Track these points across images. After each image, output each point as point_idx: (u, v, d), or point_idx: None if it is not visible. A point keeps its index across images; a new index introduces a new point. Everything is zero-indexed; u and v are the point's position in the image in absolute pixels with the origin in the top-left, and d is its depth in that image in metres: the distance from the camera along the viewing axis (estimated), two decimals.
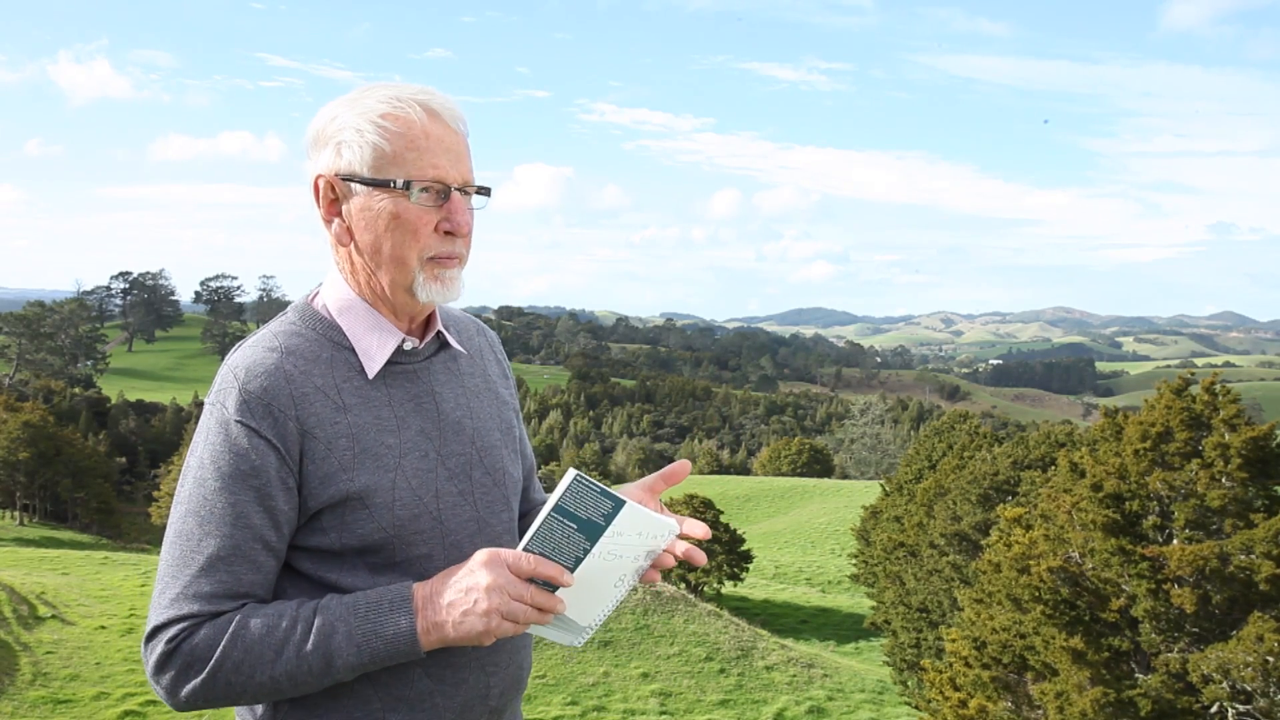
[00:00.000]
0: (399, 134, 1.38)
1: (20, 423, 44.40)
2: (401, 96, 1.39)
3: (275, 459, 1.36)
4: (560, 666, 20.24)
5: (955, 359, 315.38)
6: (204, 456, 1.37)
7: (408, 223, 1.40)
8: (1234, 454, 9.24)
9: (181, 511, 1.37)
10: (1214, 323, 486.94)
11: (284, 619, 1.34)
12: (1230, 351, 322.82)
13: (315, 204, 1.44)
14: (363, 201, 1.41)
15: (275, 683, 1.32)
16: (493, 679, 1.50)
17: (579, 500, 1.34)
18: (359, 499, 1.39)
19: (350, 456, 1.39)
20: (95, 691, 17.17)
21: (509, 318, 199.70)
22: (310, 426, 1.38)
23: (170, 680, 1.33)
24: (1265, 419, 13.32)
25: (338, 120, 1.42)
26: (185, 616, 1.33)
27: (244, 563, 1.35)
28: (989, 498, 19.83)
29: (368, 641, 1.32)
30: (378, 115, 1.39)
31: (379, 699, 1.42)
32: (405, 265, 1.41)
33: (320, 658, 1.32)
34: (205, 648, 1.31)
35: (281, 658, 1.32)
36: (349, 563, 1.41)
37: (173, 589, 1.34)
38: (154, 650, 1.33)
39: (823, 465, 72.46)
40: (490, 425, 1.57)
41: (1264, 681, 8.23)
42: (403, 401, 1.47)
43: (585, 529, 1.35)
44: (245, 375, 1.38)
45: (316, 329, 1.46)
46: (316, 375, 1.41)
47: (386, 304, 1.47)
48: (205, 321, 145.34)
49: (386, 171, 1.39)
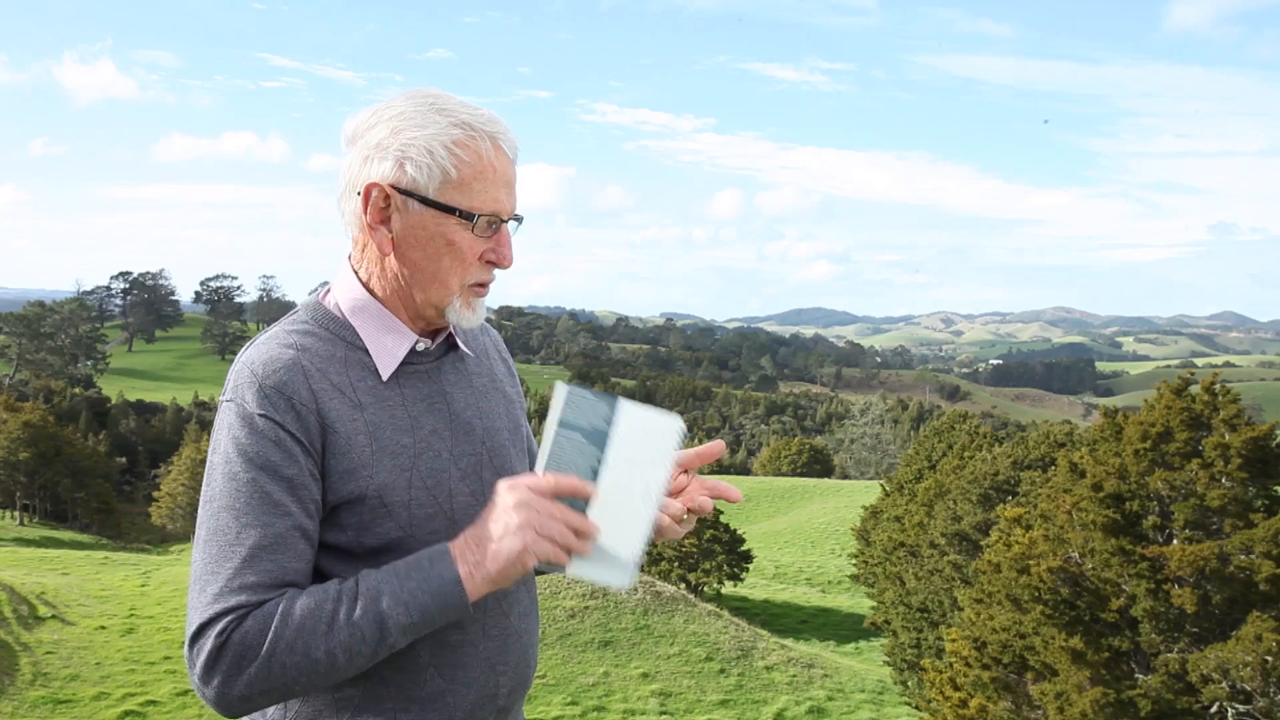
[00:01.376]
0: (469, 164, 1.40)
1: (20, 423, 44.44)
2: (475, 125, 1.41)
3: (301, 451, 1.36)
4: (560, 666, 20.24)
5: (955, 359, 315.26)
6: (229, 451, 1.36)
7: (461, 251, 1.42)
8: (1234, 454, 9.25)
9: (214, 508, 1.35)
10: (1214, 323, 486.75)
11: (329, 593, 1.32)
12: (1230, 351, 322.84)
13: (360, 209, 1.43)
14: (420, 220, 1.42)
15: (332, 657, 1.30)
16: (502, 678, 1.50)
17: (578, 410, 1.35)
18: (377, 497, 1.39)
19: (369, 453, 1.39)
20: (95, 691, 17.17)
21: (509, 318, 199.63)
22: (331, 421, 1.38)
23: (224, 676, 1.28)
24: (1265, 419, 13.31)
25: (404, 135, 1.41)
26: (232, 609, 1.30)
27: (287, 551, 1.34)
28: (989, 498, 19.85)
29: (415, 598, 1.31)
30: (451, 141, 1.40)
31: (391, 700, 1.42)
32: (447, 288, 1.44)
33: (372, 623, 1.30)
34: (256, 633, 1.28)
35: (334, 629, 1.30)
36: (363, 562, 1.40)
37: (214, 585, 1.31)
38: (202, 649, 1.29)
39: (823, 465, 72.49)
40: (499, 425, 1.58)
41: (1263, 681, 8.23)
42: (416, 402, 1.47)
43: (591, 437, 1.36)
44: (263, 371, 1.38)
45: (330, 328, 1.46)
46: (332, 373, 1.42)
47: (407, 309, 1.48)
48: (205, 321, 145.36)
49: (451, 198, 1.40)
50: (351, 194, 1.44)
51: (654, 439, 1.38)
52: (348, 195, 1.45)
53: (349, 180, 1.45)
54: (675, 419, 1.39)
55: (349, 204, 1.46)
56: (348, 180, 1.45)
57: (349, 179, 1.45)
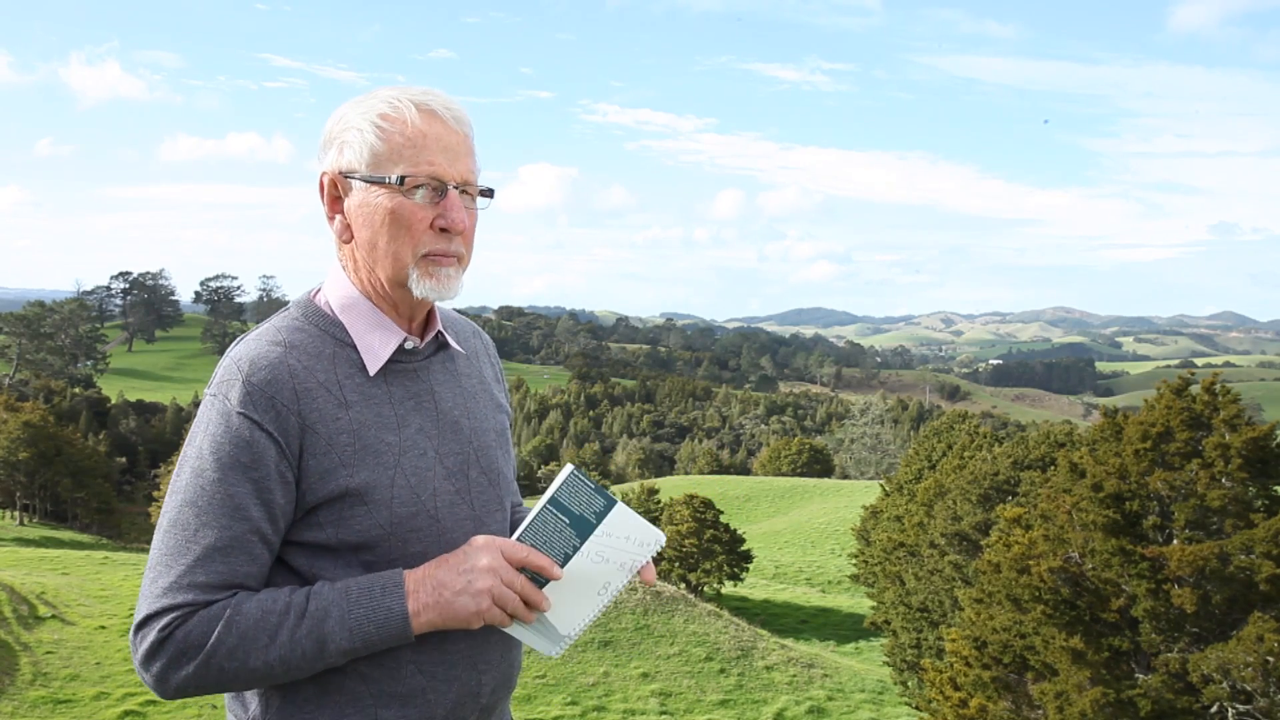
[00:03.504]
0: (395, 134, 1.42)
1: (20, 423, 44.39)
2: (401, 97, 1.44)
3: (275, 452, 1.37)
4: (560, 666, 20.24)
5: (955, 359, 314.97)
6: (203, 447, 1.38)
7: (403, 218, 1.43)
8: (1234, 454, 9.24)
9: (178, 501, 1.38)
10: (1214, 323, 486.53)
11: (277, 604, 1.35)
12: (1230, 351, 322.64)
13: (321, 201, 1.48)
14: (361, 198, 1.45)
15: (269, 668, 1.34)
16: (484, 676, 1.51)
17: (574, 495, 1.39)
18: (357, 495, 1.40)
19: (351, 453, 1.40)
20: (95, 691, 17.17)
21: (509, 318, 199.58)
22: (312, 421, 1.39)
23: (161, 668, 1.33)
24: (1265, 419, 13.32)
25: (343, 121, 1.46)
26: (179, 605, 1.33)
27: (240, 554, 1.36)
28: (989, 498, 19.84)
29: (360, 625, 1.35)
30: (376, 115, 1.43)
31: (370, 695, 1.43)
32: (400, 261, 1.45)
33: (314, 643, 1.34)
34: (199, 635, 1.32)
35: (275, 643, 1.33)
36: (343, 559, 1.42)
37: (166, 578, 1.35)
38: (145, 639, 1.34)
39: (823, 465, 72.44)
40: (486, 426, 1.59)
41: (1264, 681, 8.23)
42: (402, 400, 1.48)
43: (577, 525, 1.40)
44: (249, 368, 1.39)
45: (319, 325, 1.47)
46: (319, 371, 1.43)
47: (388, 301, 1.49)
48: (205, 321, 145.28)
49: (383, 169, 1.43)
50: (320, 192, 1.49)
51: (632, 547, 1.43)
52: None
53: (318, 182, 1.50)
54: (659, 535, 1.43)
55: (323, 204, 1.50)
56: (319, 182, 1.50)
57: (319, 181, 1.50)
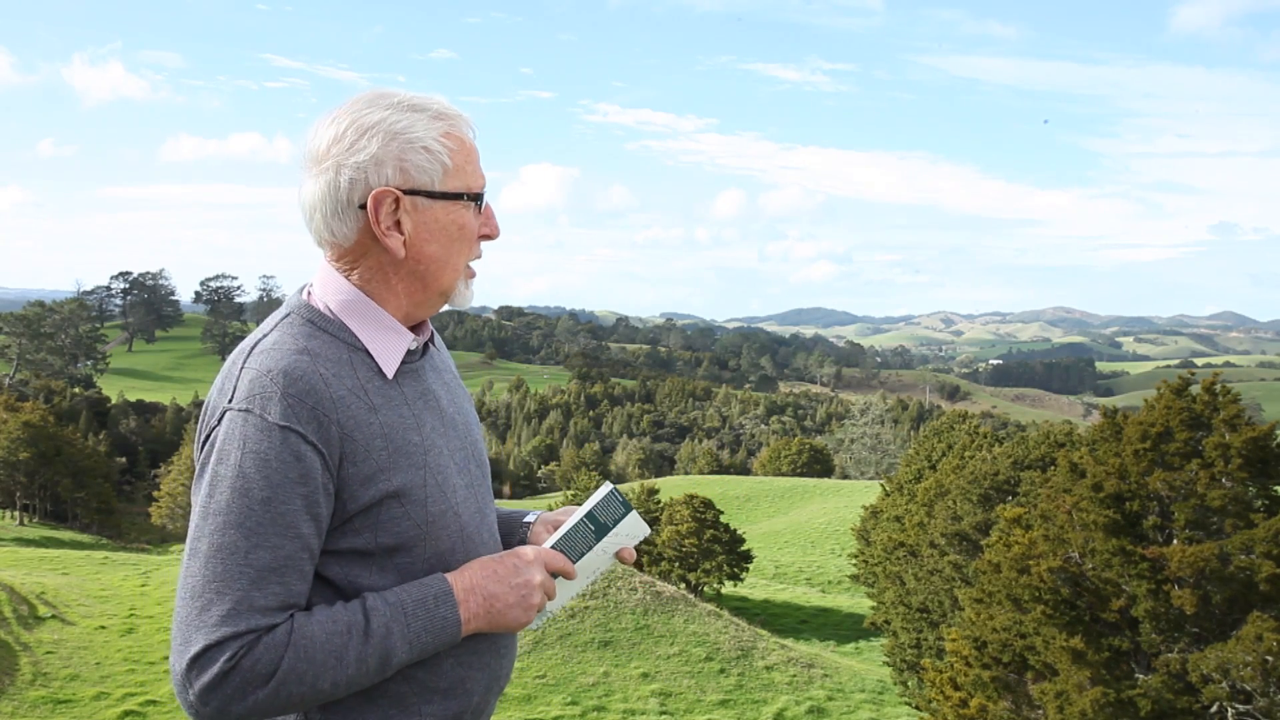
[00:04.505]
0: (458, 151, 1.49)
1: (20, 423, 44.41)
2: (448, 114, 1.50)
3: (320, 465, 1.35)
4: (560, 666, 20.25)
5: (955, 359, 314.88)
6: (245, 465, 1.33)
7: (470, 232, 1.52)
8: (1234, 454, 9.25)
9: (220, 523, 1.32)
10: (1214, 323, 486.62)
11: (338, 624, 1.34)
12: (1230, 351, 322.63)
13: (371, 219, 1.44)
14: (432, 214, 1.48)
15: (335, 689, 1.34)
16: (504, 660, 1.59)
17: (606, 509, 1.57)
18: (395, 498, 1.41)
19: (386, 456, 1.41)
20: (95, 691, 17.18)
21: (509, 318, 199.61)
22: (350, 429, 1.38)
23: (225, 698, 1.28)
24: (1265, 419, 13.31)
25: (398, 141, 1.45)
26: (242, 633, 1.28)
27: (293, 573, 1.34)
28: (989, 498, 19.84)
29: (419, 638, 1.39)
30: (440, 134, 1.48)
31: (414, 694, 1.45)
32: (456, 272, 1.52)
33: (378, 660, 1.36)
34: (268, 664, 1.29)
35: (343, 664, 1.33)
36: (378, 563, 1.42)
37: (221, 605, 1.29)
38: (207, 671, 1.28)
39: (823, 465, 72.46)
40: (472, 420, 1.65)
41: (1263, 681, 8.23)
42: (414, 399, 1.50)
43: (599, 530, 1.57)
44: (285, 380, 1.36)
45: (328, 329, 1.46)
46: (346, 377, 1.42)
47: (397, 306, 1.50)
48: (205, 321, 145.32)
49: (454, 185, 1.49)
50: (348, 210, 1.45)
51: (624, 539, 1.60)
52: (338, 214, 1.46)
53: (336, 199, 1.45)
54: (647, 529, 1.63)
55: (342, 221, 1.46)
56: (334, 200, 1.45)
57: (338, 198, 1.45)
